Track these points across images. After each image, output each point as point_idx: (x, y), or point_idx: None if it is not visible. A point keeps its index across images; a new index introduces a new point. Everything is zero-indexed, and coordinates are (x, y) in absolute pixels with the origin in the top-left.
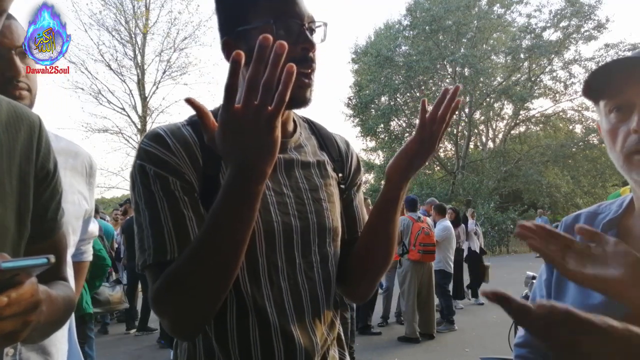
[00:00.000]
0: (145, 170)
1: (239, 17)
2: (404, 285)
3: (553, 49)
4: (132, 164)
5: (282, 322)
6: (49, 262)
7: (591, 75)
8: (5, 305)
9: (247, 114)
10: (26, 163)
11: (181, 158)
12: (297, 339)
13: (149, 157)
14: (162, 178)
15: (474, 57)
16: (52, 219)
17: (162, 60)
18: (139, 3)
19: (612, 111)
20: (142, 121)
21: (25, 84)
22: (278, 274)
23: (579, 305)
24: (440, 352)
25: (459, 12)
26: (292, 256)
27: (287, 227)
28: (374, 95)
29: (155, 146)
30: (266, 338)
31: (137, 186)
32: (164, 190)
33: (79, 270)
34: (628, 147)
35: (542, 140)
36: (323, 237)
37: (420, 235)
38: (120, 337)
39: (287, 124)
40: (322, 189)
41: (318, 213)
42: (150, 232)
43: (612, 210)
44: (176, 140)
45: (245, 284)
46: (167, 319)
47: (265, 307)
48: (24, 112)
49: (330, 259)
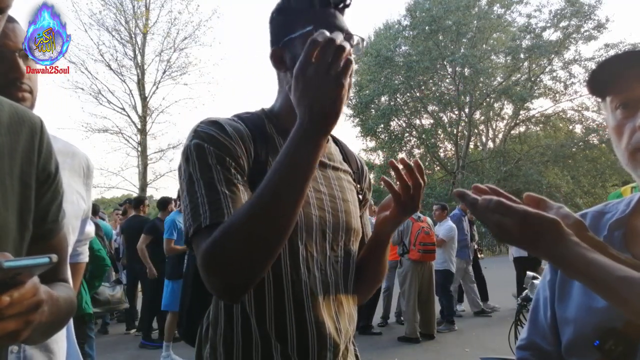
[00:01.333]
0: (204, 148)
1: (285, 29)
2: (404, 285)
3: (553, 49)
4: (186, 144)
5: (315, 309)
6: (51, 261)
7: (596, 71)
8: (7, 305)
9: (321, 65)
10: (28, 165)
11: (237, 143)
12: (327, 327)
13: (208, 138)
14: (219, 156)
15: (474, 57)
16: (53, 220)
17: (162, 60)
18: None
19: (618, 107)
20: (142, 121)
21: (28, 86)
22: (313, 262)
23: (583, 307)
24: (440, 352)
25: (458, 12)
26: (325, 248)
27: (323, 221)
28: (374, 95)
29: (214, 129)
30: (302, 323)
31: (192, 160)
32: (221, 164)
33: (76, 272)
34: (633, 144)
35: (542, 140)
36: (349, 235)
37: (420, 235)
38: (120, 337)
39: None
40: (348, 192)
41: (347, 212)
42: (206, 199)
43: (620, 209)
44: (232, 129)
45: (286, 269)
46: (217, 273)
47: (302, 293)
48: (26, 114)
49: (352, 255)
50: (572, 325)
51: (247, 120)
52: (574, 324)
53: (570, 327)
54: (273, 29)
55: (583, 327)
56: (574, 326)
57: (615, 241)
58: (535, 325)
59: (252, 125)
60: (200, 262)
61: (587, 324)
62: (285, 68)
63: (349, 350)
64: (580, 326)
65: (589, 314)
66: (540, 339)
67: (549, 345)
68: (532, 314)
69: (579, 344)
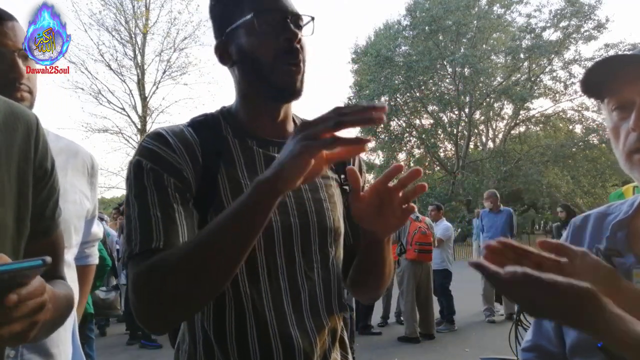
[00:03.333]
0: (142, 165)
1: (226, 20)
2: (402, 285)
3: (553, 49)
4: (129, 161)
5: (280, 323)
6: (45, 263)
7: (587, 74)
8: (13, 307)
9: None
10: (24, 162)
11: (181, 156)
12: (295, 339)
13: (148, 154)
14: (156, 173)
15: (474, 57)
16: (50, 217)
17: (162, 60)
18: (139, 3)
19: (614, 109)
20: (142, 121)
21: (27, 86)
22: (277, 273)
23: None
24: (440, 352)
25: (458, 12)
26: (292, 255)
27: (286, 226)
28: (374, 95)
29: (156, 144)
30: (264, 339)
31: (130, 180)
32: (157, 184)
33: (85, 275)
34: (628, 146)
35: (542, 140)
36: (324, 237)
37: (417, 235)
38: (120, 337)
39: (287, 123)
40: (322, 189)
41: (318, 213)
42: (138, 223)
43: (623, 210)
44: (177, 139)
45: (245, 284)
46: (140, 304)
47: (264, 307)
48: (21, 111)
49: (331, 259)
50: None
51: (199, 125)
52: None
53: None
54: (214, 20)
55: None
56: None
57: (619, 242)
58: (540, 327)
59: (204, 130)
60: (129, 288)
61: None
62: (232, 62)
63: (332, 359)
64: None
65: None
66: (545, 340)
67: (553, 347)
68: None
69: (583, 345)
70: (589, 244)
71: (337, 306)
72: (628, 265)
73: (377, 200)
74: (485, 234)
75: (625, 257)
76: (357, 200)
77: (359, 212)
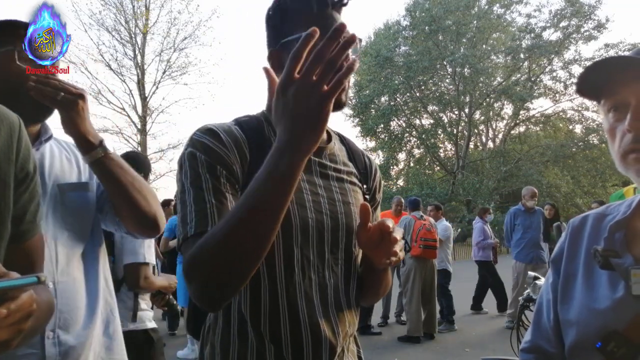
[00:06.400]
0: (196, 157)
1: (282, 30)
2: (407, 283)
3: (553, 49)
4: (182, 152)
5: (309, 312)
6: (39, 280)
7: (584, 75)
8: (3, 317)
9: (304, 85)
10: (6, 163)
11: (231, 151)
12: (322, 329)
13: (202, 147)
14: (210, 165)
15: (474, 57)
16: (31, 220)
17: (162, 60)
18: (139, 3)
19: (610, 110)
20: (142, 121)
21: None
22: (310, 266)
23: (585, 309)
24: (440, 352)
25: (458, 12)
26: (323, 251)
27: (320, 224)
28: (374, 96)
29: (209, 138)
30: (295, 325)
31: (184, 168)
32: (211, 173)
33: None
34: (623, 146)
35: (542, 140)
36: (350, 237)
37: (422, 231)
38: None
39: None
40: (350, 194)
41: (347, 215)
42: (193, 207)
43: (621, 211)
44: (227, 135)
45: (281, 273)
46: (197, 282)
47: (296, 297)
48: (3, 112)
49: (354, 258)
50: (575, 328)
51: (245, 125)
52: (577, 326)
53: (572, 330)
54: (269, 30)
55: (585, 329)
56: (577, 328)
57: (616, 243)
58: (539, 327)
59: (250, 130)
60: (184, 270)
61: (589, 326)
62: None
63: (349, 351)
64: (582, 328)
65: (591, 316)
66: (544, 341)
67: (552, 347)
68: (536, 317)
69: (582, 346)
70: (587, 244)
71: (355, 302)
72: (626, 265)
73: (379, 235)
74: (524, 234)
75: (623, 257)
76: (363, 231)
77: (362, 241)
